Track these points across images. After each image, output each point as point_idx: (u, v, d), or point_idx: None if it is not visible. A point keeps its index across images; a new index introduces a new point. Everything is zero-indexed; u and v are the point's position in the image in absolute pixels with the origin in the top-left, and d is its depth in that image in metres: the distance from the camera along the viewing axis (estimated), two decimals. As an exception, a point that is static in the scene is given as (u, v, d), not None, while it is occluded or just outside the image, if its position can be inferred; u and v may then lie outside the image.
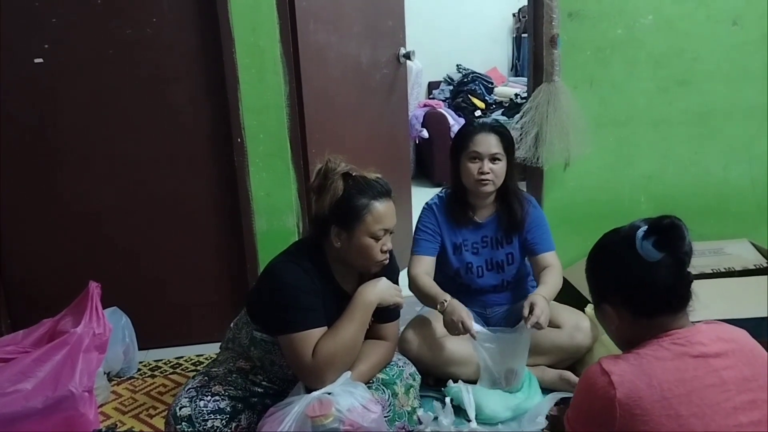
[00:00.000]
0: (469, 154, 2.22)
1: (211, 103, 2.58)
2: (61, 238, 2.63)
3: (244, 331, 1.91)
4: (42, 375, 1.95)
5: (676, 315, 1.29)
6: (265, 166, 2.62)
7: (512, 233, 2.32)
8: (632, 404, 1.18)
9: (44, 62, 2.47)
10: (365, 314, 1.81)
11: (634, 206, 2.81)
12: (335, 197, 1.77)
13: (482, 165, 2.20)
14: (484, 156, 2.20)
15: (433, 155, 5.36)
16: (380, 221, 1.78)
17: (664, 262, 1.25)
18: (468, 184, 2.26)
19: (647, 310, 1.29)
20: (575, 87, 2.64)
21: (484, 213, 2.33)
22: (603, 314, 1.37)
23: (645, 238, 1.25)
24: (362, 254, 1.80)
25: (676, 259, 1.26)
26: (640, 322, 1.30)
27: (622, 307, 1.32)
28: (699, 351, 1.23)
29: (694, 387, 1.20)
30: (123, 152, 2.59)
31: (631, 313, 1.31)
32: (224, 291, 2.77)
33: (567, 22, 2.60)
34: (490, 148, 2.20)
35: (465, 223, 2.32)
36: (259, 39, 2.50)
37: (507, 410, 2.06)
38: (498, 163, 2.21)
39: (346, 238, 1.78)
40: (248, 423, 1.82)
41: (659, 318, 1.29)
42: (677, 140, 2.81)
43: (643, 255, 1.25)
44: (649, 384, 1.19)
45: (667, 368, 1.21)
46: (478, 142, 2.21)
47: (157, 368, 2.59)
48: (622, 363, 1.24)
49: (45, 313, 2.31)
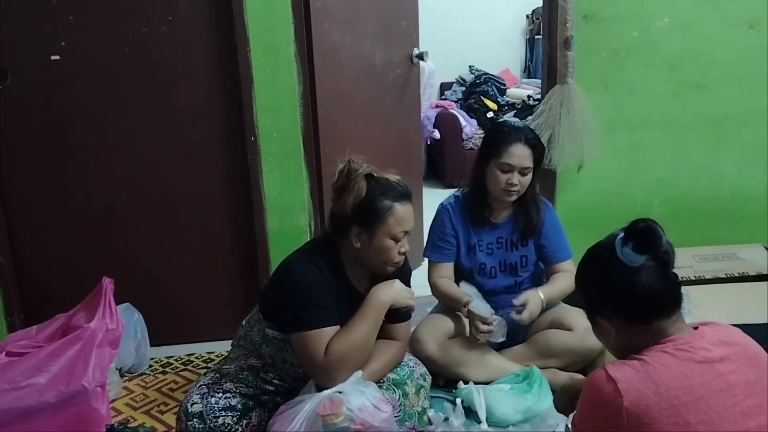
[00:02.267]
0: (500, 164, 2.19)
1: (225, 102, 2.59)
2: (75, 234, 2.65)
3: (256, 328, 1.91)
4: (55, 369, 1.96)
5: (670, 318, 1.29)
6: (278, 165, 2.63)
7: (528, 236, 2.32)
8: (640, 412, 1.17)
9: (60, 59, 2.49)
10: (378, 314, 1.82)
11: (647, 210, 2.79)
12: (358, 198, 1.77)
13: (512, 177, 2.18)
14: (516, 168, 2.18)
15: (445, 156, 5.35)
16: (401, 223, 1.78)
17: (647, 265, 1.26)
18: (493, 190, 2.24)
19: (640, 316, 1.29)
20: (589, 89, 2.64)
21: (501, 214, 2.33)
22: (599, 329, 1.37)
23: (624, 245, 1.26)
24: (381, 255, 1.80)
25: (658, 260, 1.27)
26: (635, 330, 1.30)
27: (615, 317, 1.31)
28: (703, 356, 1.22)
29: (702, 393, 1.18)
30: (137, 150, 2.61)
31: (625, 323, 1.30)
32: (236, 289, 2.78)
33: (582, 24, 2.59)
34: (522, 161, 2.18)
35: (481, 223, 2.32)
36: (274, 38, 2.51)
37: (518, 413, 2.06)
38: (527, 175, 2.21)
39: (367, 238, 1.79)
40: (259, 421, 1.82)
41: (654, 323, 1.28)
42: (692, 144, 2.79)
43: (625, 261, 1.26)
44: (656, 392, 1.18)
45: (674, 375, 1.20)
46: (513, 154, 2.18)
47: (168, 365, 2.61)
48: (629, 370, 1.22)
49: (58, 308, 2.33)
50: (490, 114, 5.57)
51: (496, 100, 5.68)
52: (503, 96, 5.73)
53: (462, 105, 5.76)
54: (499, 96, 5.72)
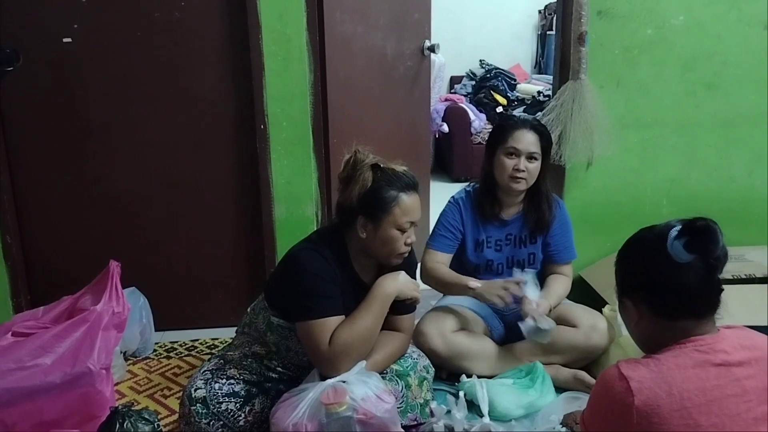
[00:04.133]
0: (506, 149, 2.19)
1: (236, 89, 2.59)
2: (82, 217, 2.66)
3: (261, 316, 1.92)
4: (61, 351, 1.97)
5: (700, 321, 1.26)
6: (287, 154, 2.63)
7: (537, 234, 2.31)
8: (650, 412, 1.16)
9: (72, 42, 2.49)
10: (383, 306, 1.82)
11: (655, 209, 2.78)
12: (364, 188, 1.77)
13: (518, 162, 2.17)
14: (522, 153, 2.17)
15: (453, 150, 5.34)
16: (407, 214, 1.78)
17: (694, 265, 1.22)
18: (501, 179, 2.23)
19: (668, 311, 1.27)
20: (601, 86, 2.62)
21: (511, 211, 2.32)
22: (624, 309, 1.35)
23: (677, 238, 1.22)
24: (387, 246, 1.80)
25: (707, 263, 1.22)
26: (659, 323, 1.28)
27: (642, 304, 1.30)
28: (722, 359, 1.21)
29: (715, 396, 1.17)
30: (146, 134, 2.61)
31: (652, 313, 1.28)
32: (241, 276, 2.79)
33: (596, 21, 2.57)
34: (528, 146, 2.18)
35: (491, 219, 2.31)
36: (287, 27, 2.50)
37: (520, 408, 2.06)
38: (534, 162, 2.19)
39: (372, 229, 1.79)
40: (262, 408, 1.83)
41: (681, 322, 1.26)
42: (703, 144, 2.78)
43: (672, 255, 1.22)
44: (668, 392, 1.17)
45: (688, 376, 1.19)
46: (518, 138, 2.18)
47: (172, 350, 2.62)
48: (642, 369, 1.21)
49: (65, 290, 2.34)
50: (500, 109, 5.55)
51: (506, 95, 5.66)
52: (513, 91, 5.71)
53: (471, 99, 5.75)
54: (509, 91, 5.70)
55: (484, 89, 5.70)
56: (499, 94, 5.65)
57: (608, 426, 1.24)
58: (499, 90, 5.67)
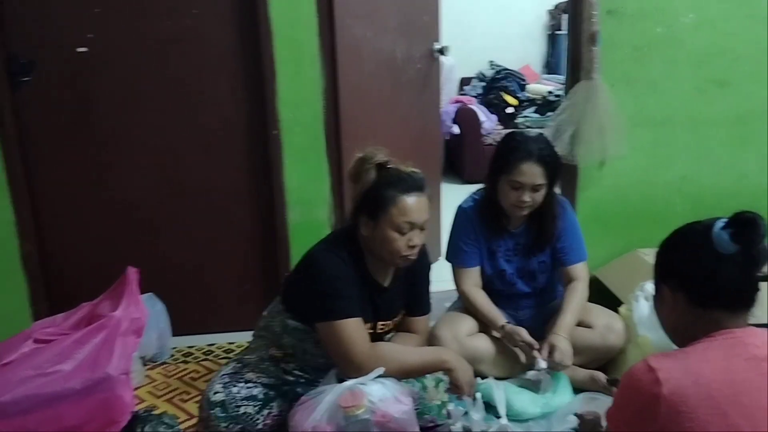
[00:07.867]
0: (510, 181, 2.11)
1: (248, 95, 2.61)
2: (100, 224, 2.68)
3: (277, 319, 1.93)
4: (81, 357, 1.99)
5: (734, 314, 1.27)
6: (300, 159, 2.64)
7: (545, 243, 2.28)
8: (678, 401, 1.17)
9: (87, 51, 2.52)
10: (433, 361, 1.86)
11: (668, 207, 2.77)
12: (365, 186, 1.79)
13: (522, 194, 2.11)
14: (527, 187, 2.10)
15: (464, 152, 5.34)
16: (405, 214, 1.77)
17: (736, 258, 1.24)
18: (503, 204, 2.19)
19: (703, 300, 1.28)
20: (612, 85, 2.61)
21: (516, 222, 2.28)
22: (660, 296, 1.37)
23: (723, 228, 1.25)
24: (385, 246, 1.80)
25: (749, 256, 1.24)
26: (694, 312, 1.29)
27: (680, 292, 1.31)
28: (752, 353, 1.21)
29: (744, 389, 1.18)
30: (161, 142, 2.63)
31: (687, 301, 1.29)
32: (256, 281, 2.81)
33: (606, 19, 2.57)
34: (534, 180, 2.10)
35: (498, 230, 2.28)
36: (298, 33, 2.52)
37: (536, 407, 2.06)
38: (539, 191, 2.13)
39: (372, 228, 1.80)
40: (280, 411, 1.85)
41: (714, 313, 1.27)
42: (715, 142, 2.77)
43: (716, 243, 1.24)
44: (696, 382, 1.17)
45: (717, 369, 1.19)
46: (523, 172, 2.09)
47: (189, 354, 2.64)
48: (669, 360, 1.22)
49: (83, 297, 2.36)
50: (510, 110, 5.55)
51: (516, 96, 5.66)
52: (523, 92, 5.71)
53: (482, 100, 5.74)
54: (519, 91, 5.69)
55: (494, 90, 5.70)
56: (509, 95, 5.65)
57: (634, 418, 1.24)
58: (510, 91, 5.67)
